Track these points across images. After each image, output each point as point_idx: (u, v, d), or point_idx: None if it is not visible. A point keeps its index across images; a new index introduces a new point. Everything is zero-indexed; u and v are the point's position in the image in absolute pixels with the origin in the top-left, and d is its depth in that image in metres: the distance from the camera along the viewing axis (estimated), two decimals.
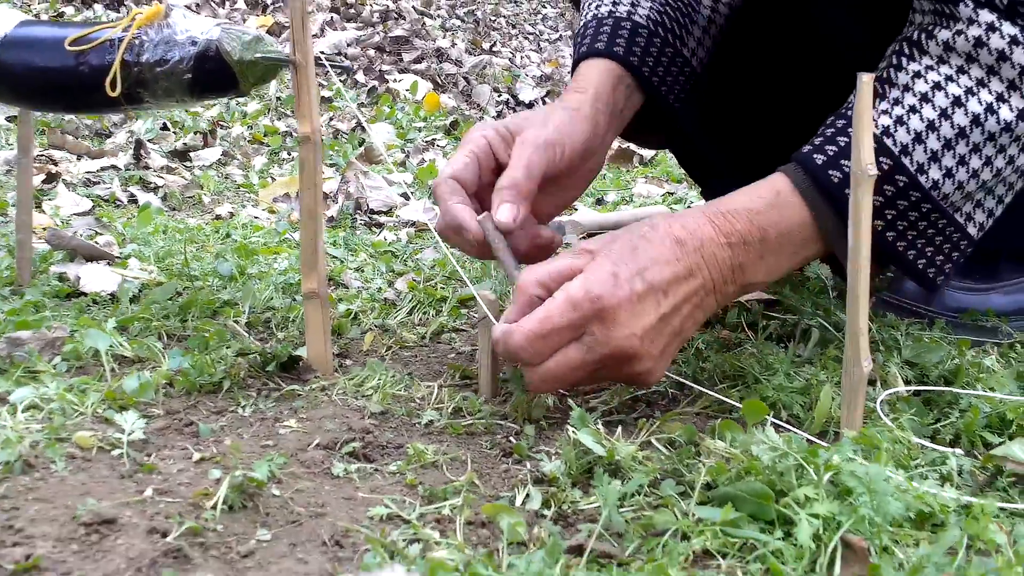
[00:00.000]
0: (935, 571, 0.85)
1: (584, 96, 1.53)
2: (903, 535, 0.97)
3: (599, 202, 3.09)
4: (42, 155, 3.22)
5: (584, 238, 2.44)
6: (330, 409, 1.36)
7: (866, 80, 1.10)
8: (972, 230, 1.37)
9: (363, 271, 2.05)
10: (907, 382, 1.36)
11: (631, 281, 1.23)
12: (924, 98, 1.30)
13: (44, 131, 3.55)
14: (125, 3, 6.48)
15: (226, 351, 1.50)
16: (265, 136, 4.29)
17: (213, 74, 1.54)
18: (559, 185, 1.48)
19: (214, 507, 1.06)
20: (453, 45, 7.49)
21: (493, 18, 10.50)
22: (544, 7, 11.59)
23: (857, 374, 1.14)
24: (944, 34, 1.29)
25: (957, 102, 1.29)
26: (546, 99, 6.66)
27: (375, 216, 2.79)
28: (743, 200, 1.32)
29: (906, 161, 1.29)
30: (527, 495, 1.11)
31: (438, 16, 9.07)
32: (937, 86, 1.30)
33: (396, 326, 1.70)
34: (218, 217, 2.74)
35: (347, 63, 1.61)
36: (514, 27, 10.54)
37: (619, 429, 1.24)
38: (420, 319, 1.75)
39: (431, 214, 2.75)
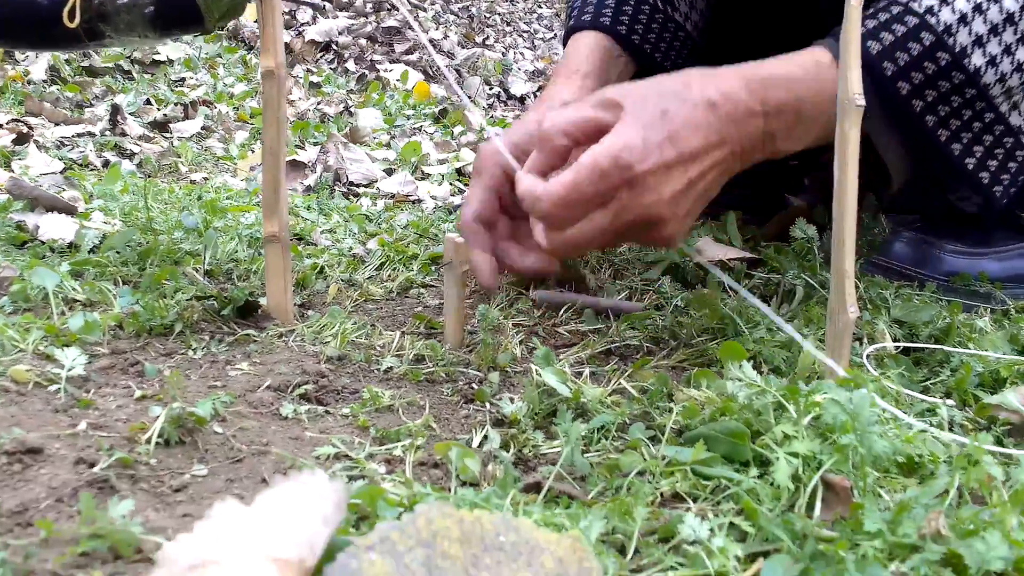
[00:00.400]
0: (924, 512, 0.77)
1: (574, 83, 1.52)
2: (889, 480, 0.89)
3: None
4: (16, 120, 3.13)
5: None
6: (285, 354, 1.28)
7: (855, 3, 1.03)
8: (1016, 121, 1.32)
9: (335, 232, 1.97)
10: (895, 340, 1.29)
11: (661, 148, 1.17)
12: None
13: (23, 101, 3.47)
14: None
15: (181, 296, 1.42)
16: (252, 118, 4.22)
17: (177, 8, 1.47)
18: None
19: (149, 441, 0.99)
20: (445, 37, 7.43)
21: (488, 15, 10.44)
22: (540, 7, 11.53)
23: (843, 320, 1.07)
24: None
25: None
26: (538, 92, 6.58)
27: (354, 188, 2.71)
28: (781, 67, 1.27)
29: (949, 41, 1.24)
30: (484, 436, 1.03)
31: (432, 9, 9.00)
32: None
33: (363, 281, 1.62)
34: (193, 182, 2.65)
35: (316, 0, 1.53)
36: (508, 24, 10.48)
37: (587, 371, 1.17)
38: (389, 275, 1.67)
39: (412, 186, 2.68)
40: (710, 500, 0.87)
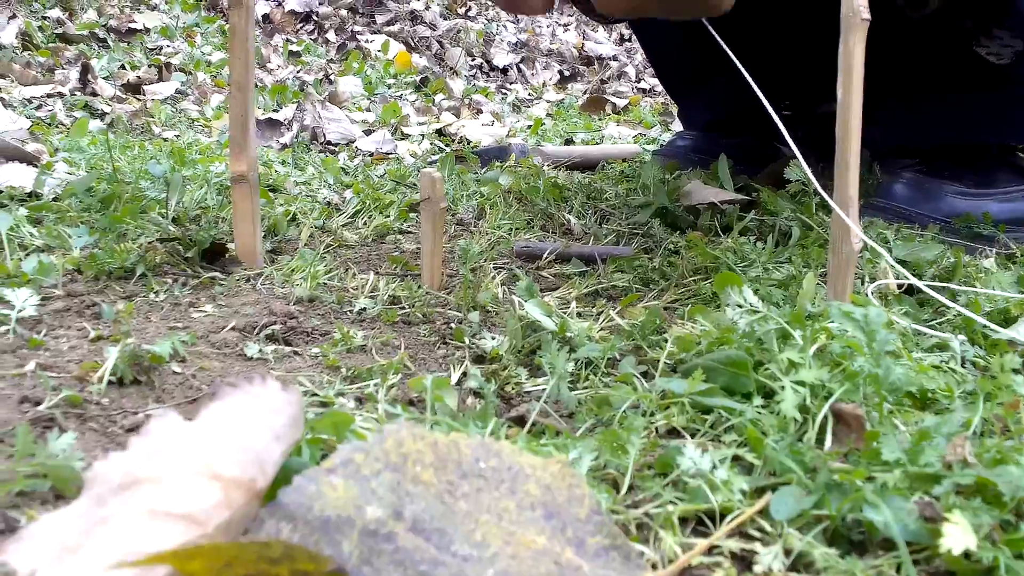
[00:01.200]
0: (945, 441, 0.70)
1: None
2: (904, 413, 0.82)
3: (568, 143, 2.93)
4: None
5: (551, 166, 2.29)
6: (252, 296, 1.20)
7: None
8: None
9: (310, 184, 1.89)
10: (898, 280, 1.21)
11: None
12: None
13: None
14: None
15: (143, 239, 1.34)
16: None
17: None
18: None
19: (100, 380, 0.91)
20: (427, 8, 7.33)
21: None
22: None
23: (846, 251, 1.00)
24: None
25: None
26: (521, 65, 6.50)
27: (331, 147, 2.62)
28: None
29: None
30: (463, 373, 0.96)
31: None
32: None
33: (337, 227, 1.54)
34: (164, 140, 2.56)
35: None
36: None
37: (573, 307, 1.10)
38: (365, 222, 1.59)
39: (391, 145, 2.60)
40: (710, 434, 0.80)
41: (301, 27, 6.53)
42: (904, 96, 1.55)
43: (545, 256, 1.35)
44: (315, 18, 6.61)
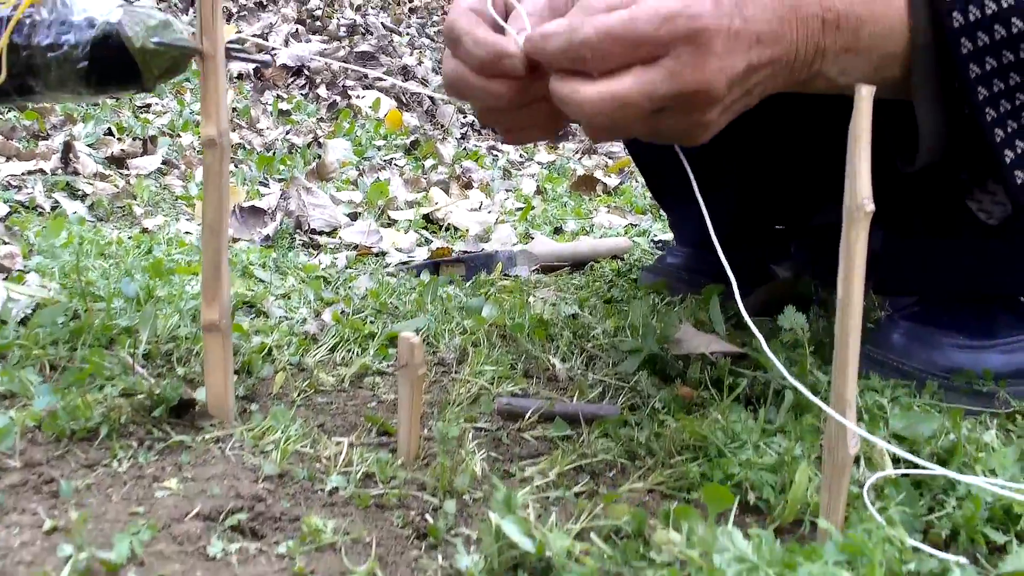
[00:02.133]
0: None
1: None
2: None
3: (557, 231, 2.89)
4: None
5: (537, 271, 2.25)
6: (220, 467, 1.14)
7: (864, 94, 0.92)
8: None
9: (289, 298, 1.84)
10: (895, 461, 1.16)
11: (731, 14, 1.01)
12: None
13: None
14: None
15: (109, 389, 1.29)
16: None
17: (112, 63, 1.33)
18: None
19: None
20: (420, 63, 7.32)
21: None
22: None
23: (842, 456, 0.95)
24: None
25: None
26: None
27: (315, 236, 2.58)
28: None
29: None
30: None
31: (407, 34, 8.90)
32: None
33: (314, 365, 1.49)
34: (145, 230, 2.51)
35: (264, 56, 1.40)
36: None
37: (553, 515, 1.04)
38: (343, 358, 1.53)
39: (376, 236, 2.55)
40: None
41: (292, 81, 6.51)
42: (902, 237, 1.51)
43: (528, 415, 1.30)
44: (306, 72, 6.59)
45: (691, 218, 1.99)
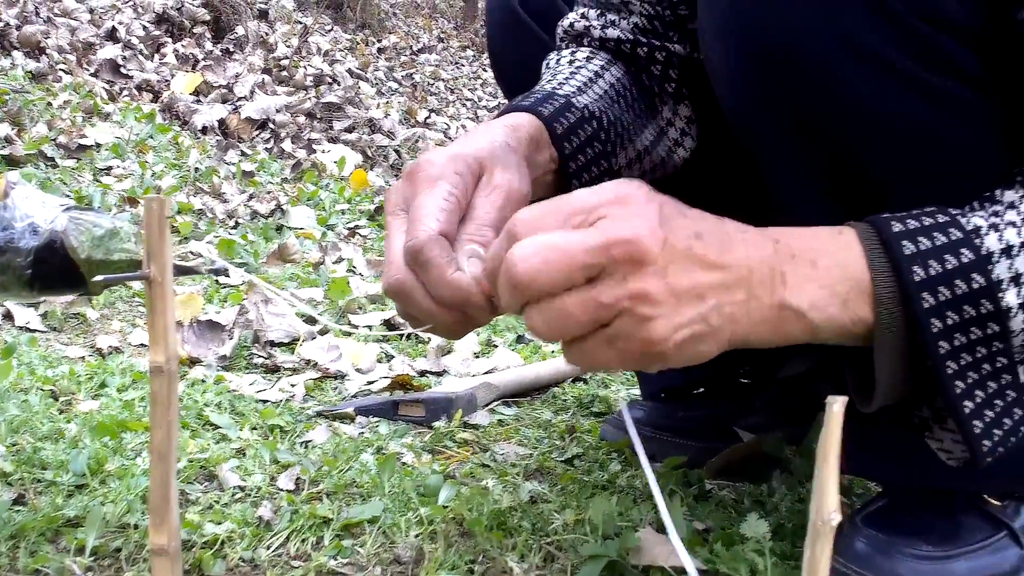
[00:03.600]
0: None
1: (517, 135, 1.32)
2: None
3: (519, 340, 2.85)
4: None
5: (494, 401, 2.21)
6: None
7: (836, 409, 0.88)
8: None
9: (244, 455, 1.79)
10: None
11: (688, 239, 0.99)
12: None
13: None
14: (46, 52, 6.21)
15: None
16: (179, 214, 4.07)
17: (56, 271, 1.29)
18: None
19: None
20: (387, 116, 7.30)
21: (431, 81, 10.32)
22: (484, 71, 11.41)
23: None
24: None
25: None
26: None
27: (273, 352, 2.53)
28: (798, 229, 1.12)
29: (988, 267, 1.11)
30: None
31: (376, 79, 8.88)
32: None
33: (267, 563, 1.44)
34: (98, 351, 2.45)
35: (220, 264, 1.35)
36: (452, 92, 10.35)
37: None
38: (298, 549, 1.49)
39: (335, 354, 2.51)
40: None
41: (257, 135, 6.46)
42: (863, 424, 1.49)
43: None
44: (272, 125, 6.55)
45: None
